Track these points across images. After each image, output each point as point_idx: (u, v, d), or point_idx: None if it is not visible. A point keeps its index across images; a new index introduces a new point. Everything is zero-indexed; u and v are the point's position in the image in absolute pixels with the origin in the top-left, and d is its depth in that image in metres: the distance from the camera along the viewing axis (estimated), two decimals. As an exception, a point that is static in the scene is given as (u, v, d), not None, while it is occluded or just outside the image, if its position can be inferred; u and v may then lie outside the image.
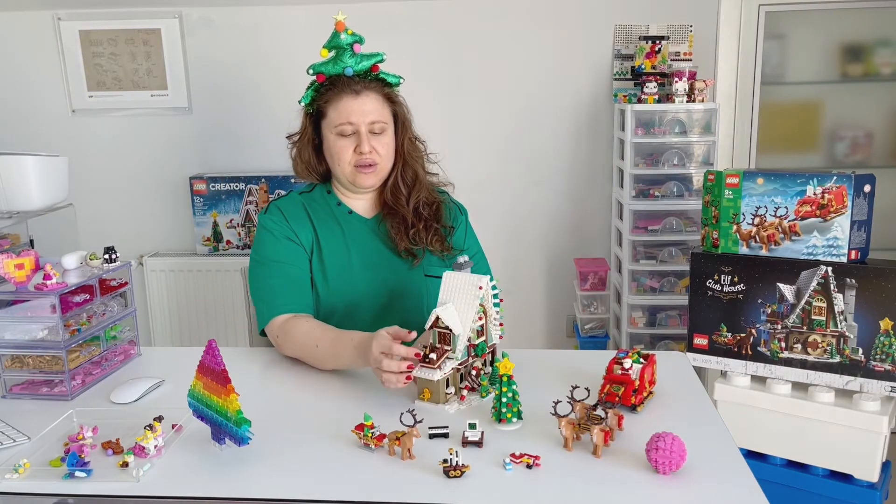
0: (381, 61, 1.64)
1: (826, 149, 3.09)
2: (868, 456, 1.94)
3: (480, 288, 1.35)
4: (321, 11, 3.01)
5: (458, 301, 1.36)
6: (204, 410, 1.19)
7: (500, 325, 1.42)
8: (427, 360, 1.31)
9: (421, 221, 1.67)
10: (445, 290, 1.38)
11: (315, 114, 1.66)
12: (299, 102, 1.66)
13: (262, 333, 1.64)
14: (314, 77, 1.64)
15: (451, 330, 1.33)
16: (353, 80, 1.61)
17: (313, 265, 1.65)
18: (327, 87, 1.62)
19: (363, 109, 1.59)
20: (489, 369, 1.42)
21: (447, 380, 1.33)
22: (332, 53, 1.62)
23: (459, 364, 1.35)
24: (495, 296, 1.39)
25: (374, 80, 1.63)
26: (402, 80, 1.67)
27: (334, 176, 1.69)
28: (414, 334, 1.34)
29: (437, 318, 1.33)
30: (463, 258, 1.47)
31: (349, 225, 1.69)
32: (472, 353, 1.37)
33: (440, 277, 1.40)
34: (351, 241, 1.67)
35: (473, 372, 1.38)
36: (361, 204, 1.72)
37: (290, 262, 1.62)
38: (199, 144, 3.19)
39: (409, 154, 1.68)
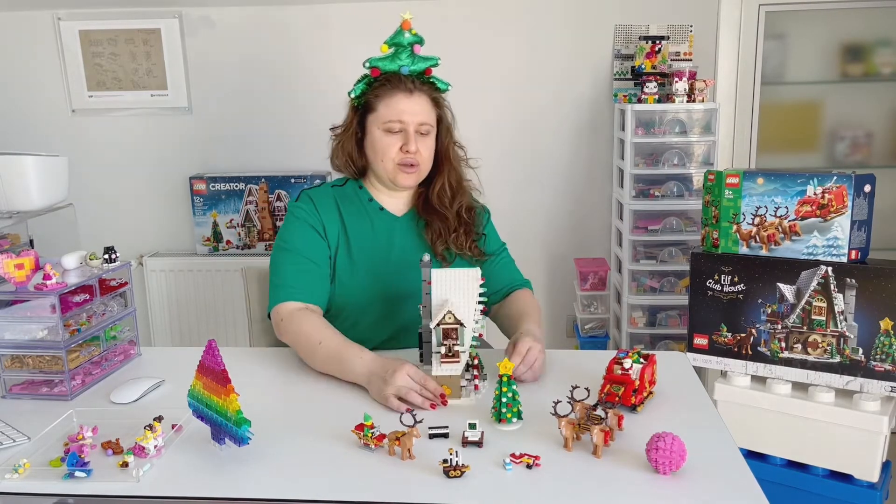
0: (436, 65, 1.65)
1: (826, 149, 3.09)
2: (868, 456, 1.94)
3: (483, 280, 1.39)
4: (321, 11, 3.02)
5: (456, 296, 1.38)
6: (204, 410, 1.19)
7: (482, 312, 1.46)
8: (451, 354, 1.33)
9: (462, 226, 1.70)
10: (439, 288, 1.39)
11: (362, 108, 1.66)
12: (349, 94, 1.66)
13: (269, 317, 1.65)
14: (368, 71, 1.64)
15: (462, 324, 1.35)
16: (407, 78, 1.62)
17: (340, 260, 1.66)
18: (381, 83, 1.63)
19: (414, 109, 1.61)
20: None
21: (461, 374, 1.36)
22: (392, 50, 1.62)
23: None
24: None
25: (426, 83, 1.65)
26: (450, 87, 1.69)
27: (373, 172, 1.70)
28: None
29: (445, 315, 1.35)
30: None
31: (380, 221, 1.70)
32: (478, 344, 1.41)
33: None
34: (380, 238, 1.68)
35: (475, 361, 1.41)
36: (394, 202, 1.73)
37: (309, 255, 1.62)
38: (199, 144, 3.19)
39: (453, 158, 1.71)
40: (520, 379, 1.40)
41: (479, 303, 1.42)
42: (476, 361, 1.41)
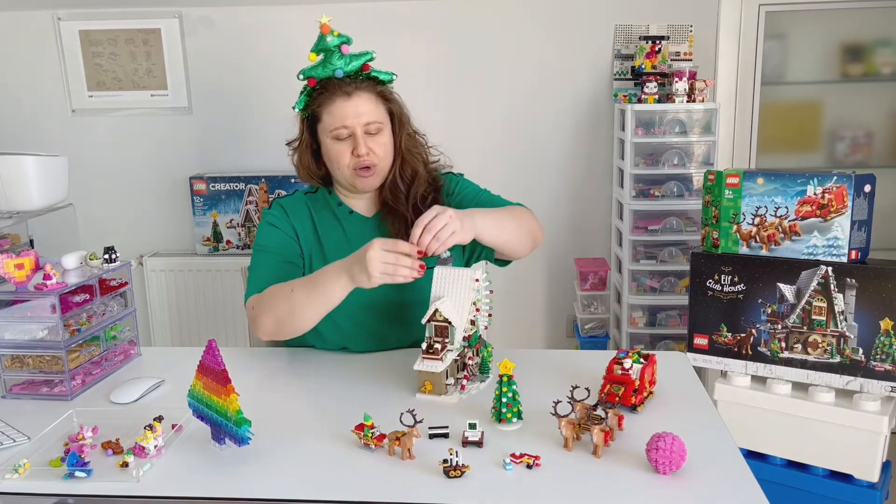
0: (371, 60, 1.61)
1: (826, 149, 3.09)
2: (868, 456, 1.94)
3: (477, 280, 1.38)
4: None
5: (453, 294, 1.38)
6: (204, 410, 1.19)
7: (489, 315, 1.44)
8: (431, 351, 1.33)
9: None
10: (438, 285, 1.40)
11: (310, 118, 1.65)
12: (294, 108, 1.65)
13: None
14: (306, 82, 1.63)
15: (450, 323, 1.35)
16: (344, 81, 1.58)
17: (317, 266, 1.65)
18: (319, 91, 1.60)
19: (357, 111, 1.57)
20: (478, 359, 1.45)
21: (446, 371, 1.35)
22: (321, 57, 1.59)
23: (457, 355, 1.38)
24: (486, 286, 1.42)
25: (367, 80, 1.61)
26: (395, 77, 1.65)
27: (334, 179, 1.69)
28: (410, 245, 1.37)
29: (435, 312, 1.35)
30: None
31: (351, 225, 1.69)
32: (467, 344, 1.39)
33: None
34: (353, 241, 1.67)
35: (470, 361, 1.40)
36: (362, 203, 1.71)
37: (282, 253, 1.63)
38: (199, 144, 3.19)
39: (408, 151, 1.66)
40: (428, 251, 1.37)
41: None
42: (472, 361, 1.41)
